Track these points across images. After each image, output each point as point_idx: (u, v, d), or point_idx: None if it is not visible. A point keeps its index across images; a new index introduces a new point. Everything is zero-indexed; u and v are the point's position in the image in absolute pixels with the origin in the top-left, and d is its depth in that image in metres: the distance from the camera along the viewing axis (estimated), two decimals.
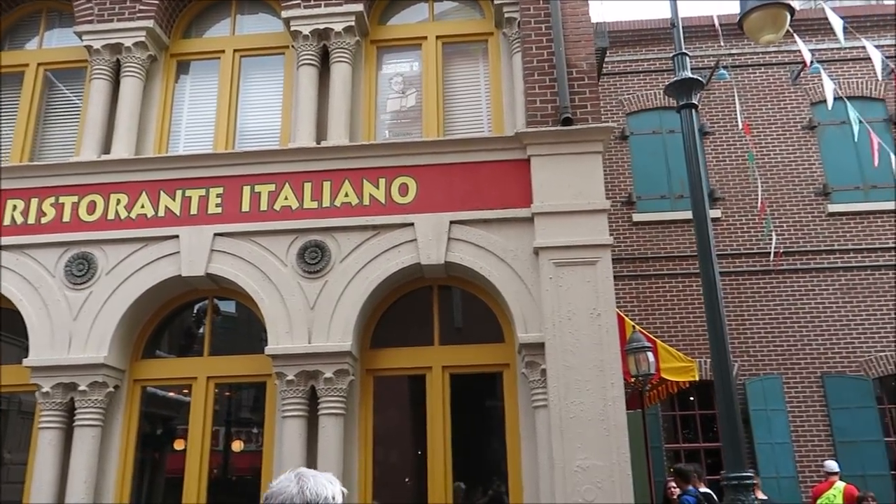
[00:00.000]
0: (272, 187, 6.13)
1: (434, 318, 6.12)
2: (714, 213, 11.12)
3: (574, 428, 5.30)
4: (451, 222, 5.92)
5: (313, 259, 5.88)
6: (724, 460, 4.67)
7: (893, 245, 10.87)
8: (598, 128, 5.98)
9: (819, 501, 8.70)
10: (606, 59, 11.72)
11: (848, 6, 11.94)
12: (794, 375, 10.39)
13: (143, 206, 6.18)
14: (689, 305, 10.75)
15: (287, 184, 6.12)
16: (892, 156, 9.73)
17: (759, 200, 10.19)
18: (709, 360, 10.36)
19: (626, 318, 6.52)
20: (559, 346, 5.49)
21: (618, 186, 11.39)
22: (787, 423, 10.15)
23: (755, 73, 11.86)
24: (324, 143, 6.24)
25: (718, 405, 4.72)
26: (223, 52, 6.94)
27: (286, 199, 6.09)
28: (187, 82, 7.04)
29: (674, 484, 8.21)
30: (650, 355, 5.58)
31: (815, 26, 11.73)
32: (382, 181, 6.08)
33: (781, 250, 10.79)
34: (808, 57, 8.57)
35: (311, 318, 5.78)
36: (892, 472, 9.93)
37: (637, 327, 6.50)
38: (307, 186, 6.11)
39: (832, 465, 8.98)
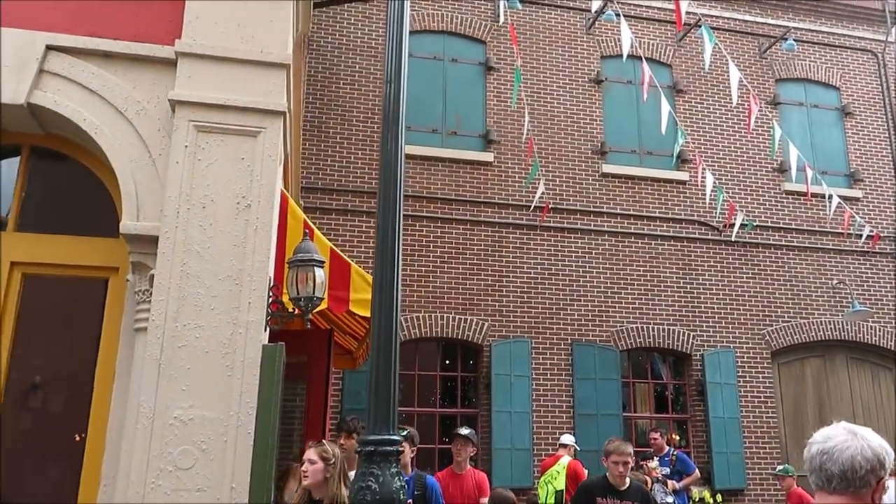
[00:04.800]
0: None
1: (15, 192, 4.08)
2: (486, 156, 9.99)
3: (182, 362, 3.60)
4: (49, 47, 3.92)
5: None
6: (368, 422, 3.20)
7: (659, 215, 10.40)
8: None
9: (542, 479, 7.84)
10: None
11: None
12: (545, 340, 9.56)
13: None
14: (448, 254, 9.52)
15: None
16: (678, 124, 9.07)
17: (525, 136, 9.08)
18: (452, 317, 9.25)
19: (316, 229, 4.91)
20: (181, 243, 3.74)
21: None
22: (531, 390, 9.29)
23: (549, 13, 10.85)
24: None
25: (373, 357, 3.24)
26: None
27: None
28: None
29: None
30: (320, 273, 4.03)
31: None
32: None
33: (550, 205, 9.88)
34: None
35: None
36: None
37: (333, 247, 4.93)
38: None
39: (566, 438, 8.18)
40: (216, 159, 3.90)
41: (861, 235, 10.72)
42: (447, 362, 9.52)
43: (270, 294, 4.04)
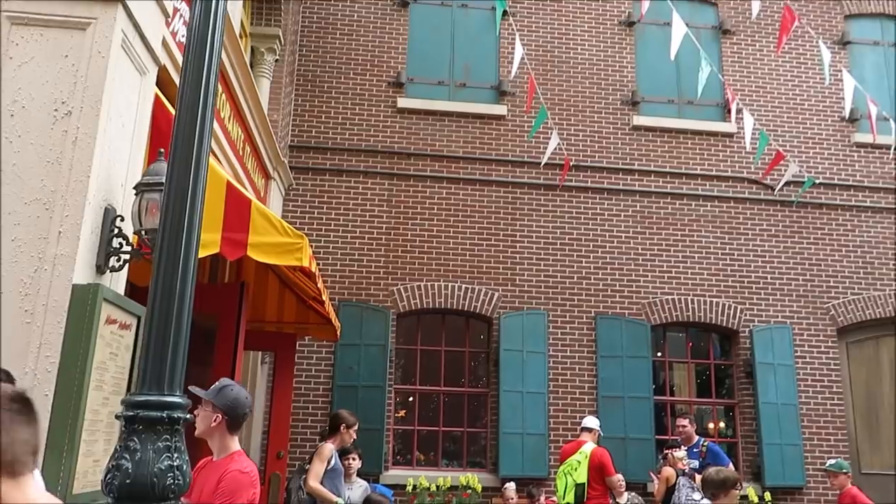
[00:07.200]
0: None
1: None
2: (499, 109, 8.96)
3: None
4: None
5: None
6: (138, 379, 2.32)
7: (701, 172, 9.10)
8: None
9: (561, 469, 6.80)
10: None
11: None
12: (564, 313, 8.48)
13: None
14: (454, 218, 8.58)
15: None
16: (706, 68, 7.72)
17: (514, 70, 7.91)
18: (458, 287, 8.30)
19: (214, 161, 4.05)
20: None
21: (386, 63, 8.98)
22: (547, 368, 8.25)
23: None
24: None
25: (151, 292, 2.34)
26: None
27: None
28: None
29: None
30: None
31: None
32: None
33: (572, 162, 8.77)
34: None
35: None
36: (658, 437, 8.26)
37: (230, 180, 4.04)
38: None
39: (590, 420, 7.09)
40: (32, 57, 3.13)
41: None
42: (453, 337, 8.59)
43: (114, 227, 3.26)
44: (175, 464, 2.18)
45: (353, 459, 5.72)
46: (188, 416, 2.28)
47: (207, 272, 6.86)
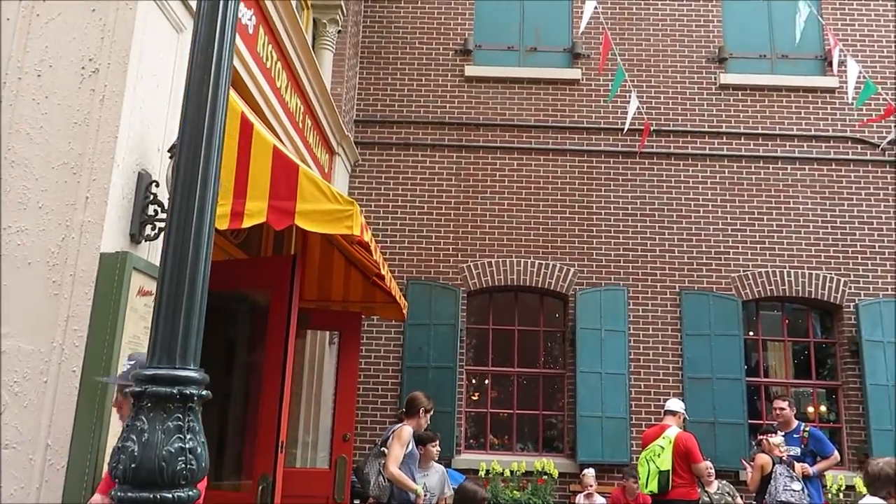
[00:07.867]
0: None
1: None
2: (573, 73, 8.43)
3: None
4: None
5: None
6: (148, 352, 2.07)
7: (798, 133, 8.30)
8: None
9: (643, 454, 6.34)
10: None
11: None
12: (645, 289, 7.93)
13: None
14: (526, 190, 8.15)
15: None
16: (804, 10, 6.93)
17: (585, 23, 7.29)
18: (531, 263, 7.89)
19: (258, 123, 3.79)
20: (7, 123, 2.85)
21: (452, 30, 8.59)
22: (627, 348, 7.75)
23: None
24: None
25: (163, 254, 2.08)
26: None
27: None
28: None
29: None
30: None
31: None
32: None
33: (652, 126, 8.16)
34: None
35: None
36: (751, 421, 7.63)
37: (276, 145, 3.78)
38: None
39: (673, 403, 6.59)
40: (59, 13, 2.95)
41: None
42: (527, 316, 8.18)
43: (149, 194, 3.06)
44: (187, 446, 1.91)
45: (436, 447, 5.47)
46: (205, 392, 2.02)
47: (272, 250, 6.74)
